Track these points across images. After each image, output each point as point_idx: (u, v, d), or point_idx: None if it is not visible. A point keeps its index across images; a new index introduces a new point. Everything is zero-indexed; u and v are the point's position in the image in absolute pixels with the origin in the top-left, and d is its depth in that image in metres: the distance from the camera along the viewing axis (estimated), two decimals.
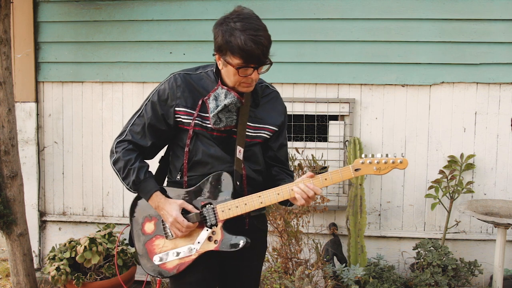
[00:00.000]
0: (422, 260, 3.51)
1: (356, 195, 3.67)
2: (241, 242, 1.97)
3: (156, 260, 2.06)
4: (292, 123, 3.90)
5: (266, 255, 3.54)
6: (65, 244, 3.74)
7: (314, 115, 3.92)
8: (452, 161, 3.77)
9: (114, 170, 2.05)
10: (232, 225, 2.02)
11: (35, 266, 4.06)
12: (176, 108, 2.01)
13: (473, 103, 3.78)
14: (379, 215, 3.92)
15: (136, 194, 2.11)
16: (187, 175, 2.05)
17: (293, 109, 3.89)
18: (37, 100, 4.17)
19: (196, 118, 2.00)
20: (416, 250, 3.59)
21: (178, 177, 2.08)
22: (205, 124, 2.01)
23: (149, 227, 2.09)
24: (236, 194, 2.01)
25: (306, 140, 3.96)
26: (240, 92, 1.99)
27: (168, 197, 2.04)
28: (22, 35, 4.08)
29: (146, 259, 2.08)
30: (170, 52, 3.97)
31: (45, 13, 4.09)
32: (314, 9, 3.79)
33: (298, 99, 3.88)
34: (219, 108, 1.96)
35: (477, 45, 3.70)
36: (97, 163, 4.16)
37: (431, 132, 3.83)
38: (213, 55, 1.97)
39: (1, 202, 3.50)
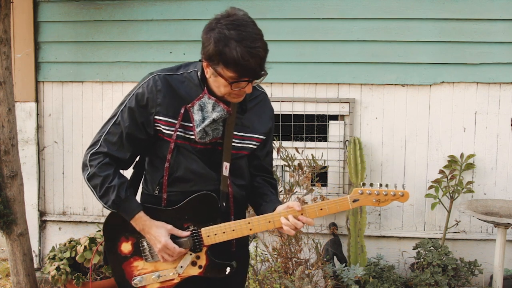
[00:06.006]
0: (422, 260, 3.51)
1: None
2: (228, 269, 1.88)
3: (135, 282, 1.91)
4: (292, 123, 3.90)
5: (266, 255, 3.55)
6: (65, 244, 3.74)
7: (314, 115, 3.92)
8: (452, 161, 3.77)
9: (89, 186, 1.84)
10: (218, 246, 1.88)
11: (35, 266, 4.06)
12: (156, 117, 1.81)
13: (473, 103, 3.78)
14: (379, 215, 3.92)
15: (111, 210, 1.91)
16: (167, 192, 1.87)
17: (293, 109, 3.89)
18: (37, 100, 4.17)
19: (178, 130, 1.81)
20: (416, 250, 3.59)
21: (157, 192, 1.90)
22: (188, 136, 1.82)
23: (126, 247, 1.91)
24: (222, 215, 1.87)
25: (306, 140, 3.96)
26: (228, 101, 1.81)
27: (151, 217, 1.86)
28: (22, 35, 4.08)
29: (124, 280, 1.92)
30: (170, 52, 3.97)
31: (45, 13, 4.08)
32: (314, 9, 3.79)
33: (298, 99, 3.88)
34: (207, 122, 1.79)
35: (477, 45, 3.70)
36: None
37: (431, 132, 3.83)
38: (200, 60, 1.78)
39: (1, 202, 3.50)
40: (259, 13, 3.82)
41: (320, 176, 3.71)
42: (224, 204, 1.87)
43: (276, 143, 3.62)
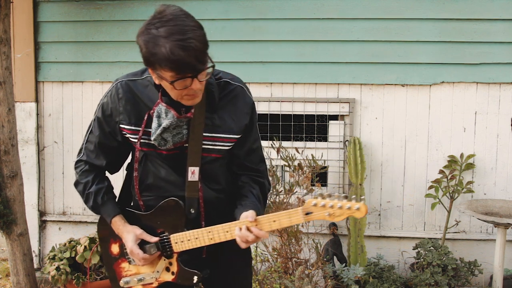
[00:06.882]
0: (422, 260, 3.51)
1: (356, 195, 3.67)
2: (195, 278, 1.82)
3: (122, 283, 1.95)
4: (292, 123, 3.90)
5: (266, 255, 3.55)
6: (65, 244, 3.74)
7: (314, 115, 3.92)
8: (452, 161, 3.77)
9: (78, 192, 1.93)
10: (189, 252, 1.83)
11: (35, 266, 4.06)
12: (121, 125, 1.79)
13: (473, 103, 3.78)
14: (379, 215, 3.92)
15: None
16: (142, 199, 1.87)
17: (293, 109, 3.89)
18: (37, 100, 4.17)
19: (142, 137, 1.76)
20: (416, 250, 3.59)
21: (136, 197, 1.91)
22: (152, 143, 1.75)
23: (115, 248, 1.96)
24: (192, 222, 1.82)
25: (306, 140, 3.96)
26: (186, 106, 1.70)
27: (131, 221, 1.87)
28: (22, 35, 4.08)
29: (115, 280, 1.98)
30: None
31: (45, 13, 4.08)
32: (314, 9, 3.79)
33: (298, 99, 3.88)
34: (159, 131, 1.70)
35: (477, 45, 3.70)
36: None
37: (431, 132, 3.83)
38: (146, 68, 1.72)
39: (1, 202, 3.50)
40: (259, 13, 3.83)
41: (320, 176, 3.71)
42: (192, 211, 1.80)
43: (276, 143, 3.63)
